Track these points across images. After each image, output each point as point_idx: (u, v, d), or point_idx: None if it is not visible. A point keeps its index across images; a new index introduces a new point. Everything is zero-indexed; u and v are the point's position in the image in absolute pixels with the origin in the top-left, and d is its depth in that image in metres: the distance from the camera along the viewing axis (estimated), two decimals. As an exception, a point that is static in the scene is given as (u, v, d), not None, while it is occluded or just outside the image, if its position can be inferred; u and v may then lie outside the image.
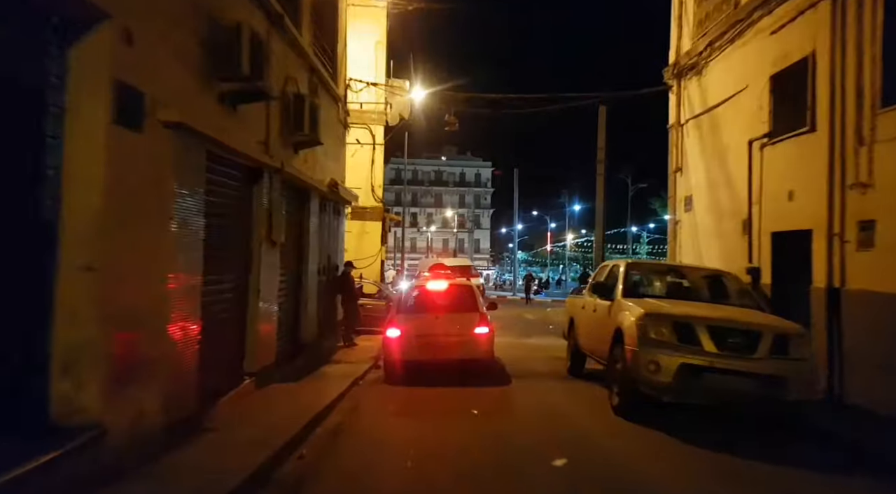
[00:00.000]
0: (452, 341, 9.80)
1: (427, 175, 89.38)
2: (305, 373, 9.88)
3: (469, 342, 9.88)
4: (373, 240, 20.02)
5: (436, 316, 10.16)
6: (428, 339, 9.75)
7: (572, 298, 12.63)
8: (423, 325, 10.02)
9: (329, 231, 13.25)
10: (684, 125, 14.17)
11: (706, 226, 13.02)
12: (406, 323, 10.08)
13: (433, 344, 9.74)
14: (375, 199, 19.98)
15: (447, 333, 9.89)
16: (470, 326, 10.03)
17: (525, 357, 13.62)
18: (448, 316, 10.23)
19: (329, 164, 12.88)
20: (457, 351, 9.75)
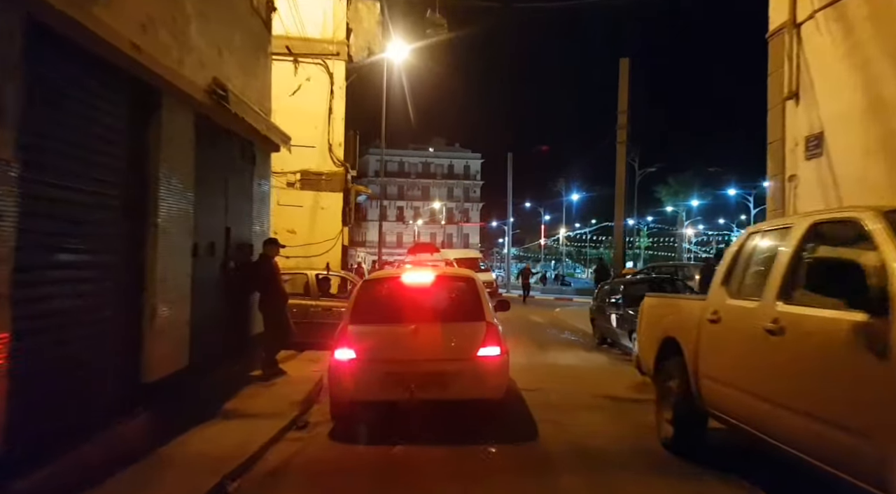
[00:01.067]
0: (441, 370, 5.97)
1: (414, 167, 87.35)
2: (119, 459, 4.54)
3: (469, 372, 6.06)
4: (331, 218, 14.71)
5: (415, 328, 6.18)
6: (400, 366, 5.99)
7: (666, 300, 7.45)
8: (392, 342, 6.21)
9: (230, 185, 7.93)
10: (804, 23, 8.97)
11: (856, 178, 7.82)
12: (365, 339, 6.19)
13: (409, 375, 5.92)
14: (335, 163, 14.65)
15: (433, 356, 6.06)
16: (470, 344, 6.15)
17: (558, 393, 8.36)
18: (435, 326, 6.31)
19: (228, 63, 7.48)
20: (448, 388, 5.96)
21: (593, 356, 12.65)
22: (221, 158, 7.55)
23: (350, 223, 15.95)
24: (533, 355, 12.21)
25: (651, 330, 6.23)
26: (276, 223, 14.44)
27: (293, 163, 14.50)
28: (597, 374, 10.28)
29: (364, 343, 6.04)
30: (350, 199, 15.83)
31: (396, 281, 6.83)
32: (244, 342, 8.59)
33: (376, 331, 6.19)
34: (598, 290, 15.23)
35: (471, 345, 6.05)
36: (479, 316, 6.26)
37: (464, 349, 6.07)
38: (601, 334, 14.12)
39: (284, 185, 14.51)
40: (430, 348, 6.02)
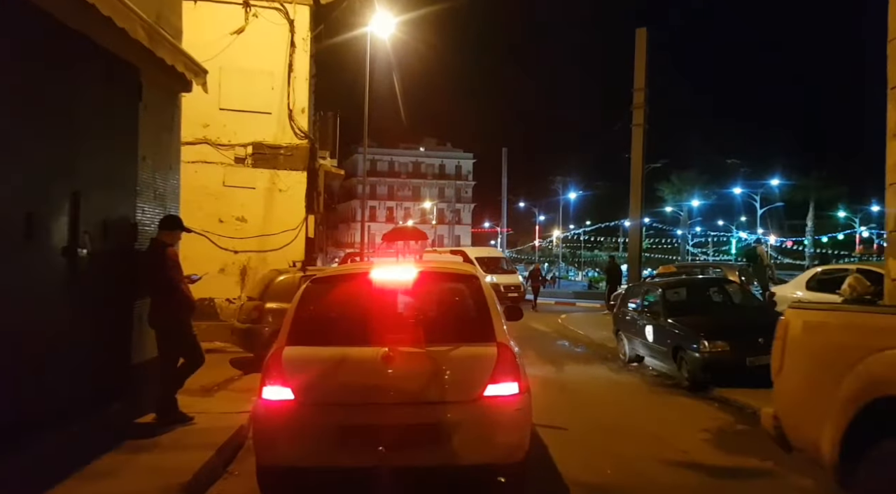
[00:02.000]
0: (428, 420, 3.82)
1: (404, 166, 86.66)
2: None
3: (471, 422, 3.85)
4: (292, 203, 11.76)
5: (387, 353, 3.93)
6: (365, 414, 3.84)
7: (865, 317, 4.17)
8: (353, 376, 3.95)
9: (84, 126, 4.87)
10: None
11: None
12: (310, 371, 3.96)
13: (378, 429, 3.77)
14: (296, 134, 11.68)
15: (415, 398, 3.91)
16: (474, 378, 3.95)
17: (607, 454, 5.45)
18: (419, 351, 4.00)
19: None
20: (439, 449, 3.76)
21: (627, 380, 9.75)
22: (67, 82, 4.56)
23: (318, 210, 12.98)
24: (549, 381, 9.30)
25: (827, 377, 3.22)
26: (220, 209, 11.49)
27: (243, 132, 11.56)
28: (647, 413, 7.39)
29: (308, 376, 3.94)
30: (318, 181, 12.86)
31: (360, 282, 4.67)
32: (123, 373, 5.61)
33: (328, 358, 4.03)
34: (623, 295, 12.33)
35: (474, 380, 3.95)
36: (487, 336, 4.11)
37: (463, 386, 3.97)
38: (631, 350, 11.24)
39: (232, 161, 11.56)
40: (411, 385, 3.94)
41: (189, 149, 11.35)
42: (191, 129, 11.39)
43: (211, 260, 11.48)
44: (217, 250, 11.49)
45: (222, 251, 11.50)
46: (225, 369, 9.30)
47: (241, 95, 11.48)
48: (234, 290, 11.54)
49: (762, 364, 8.61)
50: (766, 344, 8.90)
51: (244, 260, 11.56)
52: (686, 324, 9.33)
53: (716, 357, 8.60)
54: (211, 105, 11.45)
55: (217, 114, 11.44)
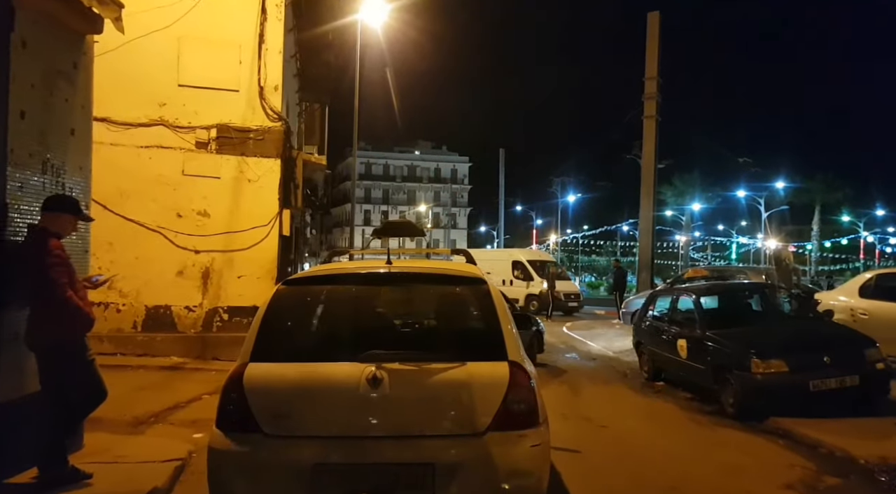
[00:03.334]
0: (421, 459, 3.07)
1: (399, 170, 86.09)
2: None
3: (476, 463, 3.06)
4: (264, 195, 10.14)
5: (373, 374, 3.10)
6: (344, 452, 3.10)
7: None
8: (330, 403, 3.18)
9: None
10: None
11: None
12: (277, 396, 3.18)
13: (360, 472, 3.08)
14: (268, 115, 10.07)
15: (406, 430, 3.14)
16: (479, 407, 3.12)
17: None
18: (411, 371, 3.18)
19: None
20: None
21: (658, 406, 8.16)
22: None
23: (296, 205, 11.35)
24: (568, 407, 7.71)
25: None
26: (178, 201, 9.86)
27: (206, 113, 9.96)
28: (702, 459, 5.77)
29: (275, 401, 3.19)
30: (295, 171, 11.25)
31: (344, 284, 3.90)
32: None
33: (301, 379, 3.26)
34: (644, 303, 10.74)
35: (481, 408, 3.18)
36: (497, 353, 3.32)
37: (467, 415, 3.19)
38: (655, 366, 9.66)
39: (192, 146, 9.94)
40: (403, 414, 3.20)
41: (142, 132, 9.75)
42: (143, 109, 9.79)
43: (167, 261, 9.86)
44: (175, 249, 9.87)
45: (181, 250, 9.88)
46: (174, 391, 7.68)
47: (204, 70, 9.88)
48: (195, 296, 9.92)
49: (830, 388, 7.11)
50: (835, 364, 7.51)
51: (207, 261, 9.93)
52: (731, 338, 7.75)
53: (771, 379, 7.03)
54: (168, 80, 9.86)
55: (175, 91, 9.83)
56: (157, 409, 6.66)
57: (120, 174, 9.71)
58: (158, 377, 8.64)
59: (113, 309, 9.71)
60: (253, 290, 10.05)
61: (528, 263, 23.12)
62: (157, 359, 9.62)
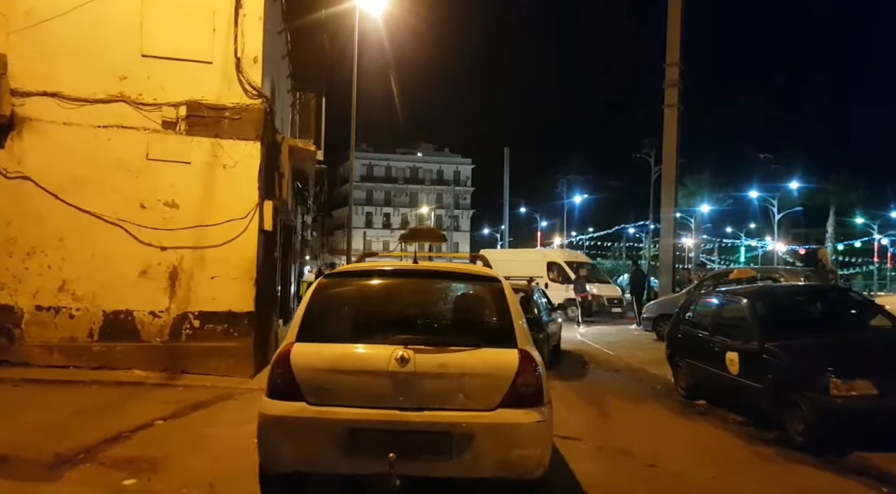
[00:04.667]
0: (440, 428, 3.69)
1: (401, 172, 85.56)
2: None
3: (488, 433, 3.68)
4: (241, 184, 8.80)
5: (401, 355, 3.74)
6: (374, 419, 3.70)
7: None
8: (362, 378, 3.81)
9: None
10: None
11: None
12: (318, 370, 3.80)
13: (387, 435, 3.67)
14: (246, 91, 8.73)
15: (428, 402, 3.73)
16: (491, 386, 3.77)
17: None
18: (433, 353, 3.80)
19: None
20: (453, 460, 3.65)
21: (709, 433, 6.80)
22: None
23: (281, 196, 9.99)
24: (602, 436, 6.35)
25: None
26: (142, 190, 8.54)
27: (174, 88, 8.64)
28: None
29: (317, 375, 3.75)
30: (280, 157, 9.89)
31: (375, 279, 4.35)
32: None
33: (339, 356, 3.83)
34: (680, 308, 9.36)
35: (493, 387, 3.72)
36: (508, 341, 3.88)
37: (481, 393, 3.72)
38: (695, 382, 8.30)
39: (158, 126, 8.61)
40: (426, 389, 3.71)
41: (98, 110, 8.42)
42: (101, 82, 8.47)
43: (129, 260, 8.53)
44: (138, 246, 8.54)
45: (145, 247, 8.55)
46: (123, 415, 6.34)
47: (172, 38, 8.55)
48: (161, 300, 8.58)
49: (928, 416, 5.75)
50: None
51: (175, 259, 8.59)
52: (800, 352, 6.41)
53: (855, 403, 5.71)
54: (129, 49, 8.54)
55: (138, 62, 8.51)
56: (90, 442, 5.32)
57: (73, 158, 8.38)
58: (111, 395, 7.30)
59: (65, 315, 8.37)
60: (228, 293, 8.70)
61: (566, 264, 21.68)
62: (116, 373, 8.28)
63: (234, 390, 7.92)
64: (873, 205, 53.47)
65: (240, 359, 8.65)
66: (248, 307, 8.73)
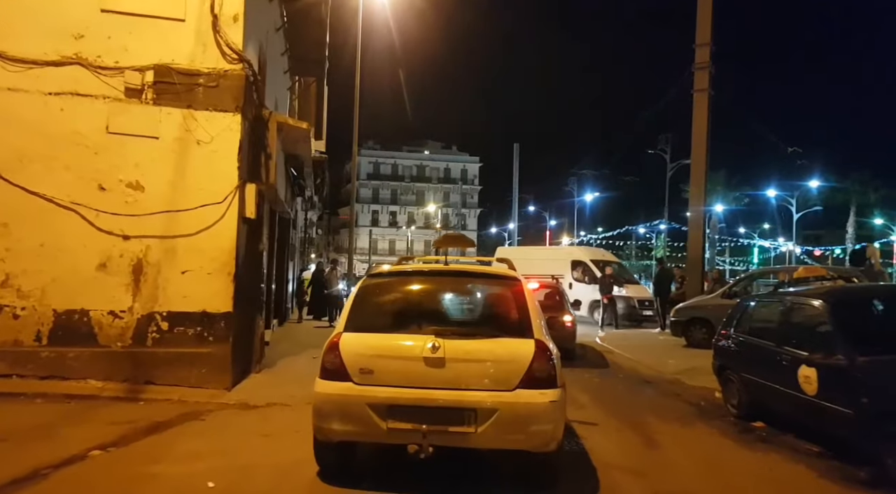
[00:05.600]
0: (465, 405, 4.30)
1: (408, 170, 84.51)
2: None
3: (507, 411, 4.28)
4: (218, 162, 7.52)
5: (433, 344, 4.41)
6: (409, 397, 4.35)
7: None
8: (400, 361, 4.50)
9: None
10: None
11: None
12: (362, 354, 4.50)
13: (420, 411, 4.30)
14: (225, 54, 7.45)
15: (455, 383, 4.36)
16: (510, 370, 4.39)
17: None
18: (461, 342, 4.49)
19: None
20: (476, 433, 4.24)
21: (779, 467, 5.49)
22: None
23: (268, 180, 8.69)
24: (645, 465, 5.02)
25: None
26: (101, 169, 7.26)
27: (139, 49, 7.38)
28: None
29: (361, 359, 4.48)
30: (266, 136, 8.59)
31: (415, 277, 5.27)
32: None
33: (381, 344, 4.59)
34: (731, 313, 8.01)
35: (512, 371, 4.37)
36: (526, 332, 4.55)
37: (501, 376, 4.39)
38: (753, 400, 6.98)
39: (121, 94, 7.35)
40: (454, 372, 4.39)
41: (49, 73, 7.16)
42: (52, 41, 7.20)
43: (85, 250, 7.28)
44: (96, 234, 7.29)
45: (104, 235, 7.31)
46: (52, 443, 5.08)
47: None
48: (123, 298, 7.33)
49: None
50: None
51: (139, 250, 7.33)
52: (908, 371, 5.06)
53: None
54: (86, 3, 7.28)
55: (96, 17, 7.26)
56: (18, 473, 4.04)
57: (19, 130, 7.14)
58: (53, 412, 6.06)
59: (8, 315, 7.12)
60: (202, 290, 7.43)
61: (592, 263, 20.09)
62: (68, 384, 7.04)
63: (204, 406, 6.65)
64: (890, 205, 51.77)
65: (215, 368, 7.38)
66: (226, 307, 7.45)
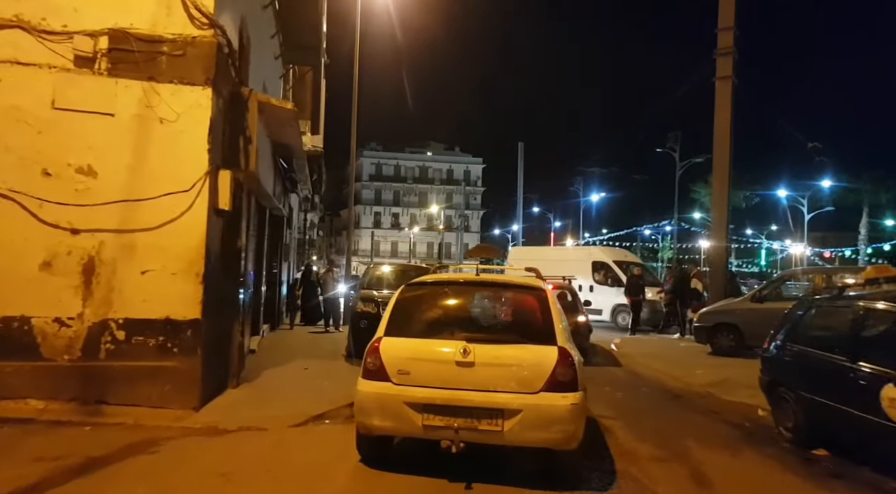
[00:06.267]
0: (494, 405, 4.74)
1: (411, 171, 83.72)
2: None
3: (531, 411, 4.70)
4: (185, 144, 6.41)
5: (464, 348, 4.87)
6: (442, 396, 4.80)
7: None
8: (434, 363, 4.96)
9: None
10: None
11: None
12: (400, 357, 4.99)
13: (452, 409, 4.75)
14: (192, 19, 6.36)
15: (484, 385, 4.81)
16: (535, 374, 4.80)
17: None
18: (490, 347, 4.96)
19: None
20: (503, 430, 4.69)
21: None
22: None
23: (248, 167, 7.59)
24: None
25: None
26: (46, 151, 6.11)
27: (92, 10, 6.32)
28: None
29: (399, 361, 4.98)
30: (245, 116, 7.51)
31: (447, 288, 5.69)
32: None
33: (417, 348, 5.08)
34: (782, 321, 6.88)
35: (536, 375, 4.79)
36: (549, 339, 4.97)
37: (527, 379, 4.81)
38: (811, 421, 5.88)
39: (69, 63, 6.27)
40: (483, 375, 4.84)
41: (-17, 37, 6.08)
42: (-14, -1, 6.12)
43: (26, 246, 6.20)
44: (38, 227, 6.22)
45: (48, 229, 6.23)
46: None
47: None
48: (71, 302, 6.25)
49: None
50: None
51: (91, 246, 6.25)
52: None
53: None
54: (28, -44, 6.20)
55: (40, -28, 6.18)
56: None
57: (-53, 105, 6.06)
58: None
59: (-68, 323, 6.04)
60: (166, 294, 6.34)
61: (614, 263, 18.74)
62: (4, 405, 5.96)
63: (162, 432, 5.58)
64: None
65: (180, 384, 6.30)
66: (194, 313, 6.36)
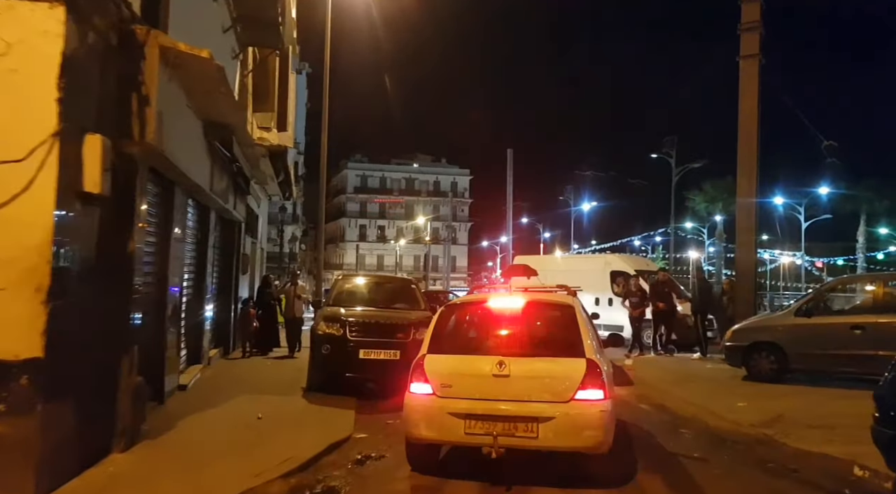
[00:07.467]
0: (529, 413, 5.29)
1: (397, 183, 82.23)
2: None
3: (563, 418, 5.23)
4: (22, 92, 4.25)
5: (500, 362, 5.45)
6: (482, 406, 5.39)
7: None
8: (474, 377, 5.57)
9: None
10: None
11: None
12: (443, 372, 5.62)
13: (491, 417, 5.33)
14: None
15: (520, 396, 5.39)
16: (566, 385, 5.33)
17: None
18: (524, 361, 5.57)
19: None
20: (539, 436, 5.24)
21: None
22: None
23: (143, 134, 5.44)
24: None
25: None
26: None
27: None
28: None
29: (442, 376, 5.61)
30: (141, 63, 5.37)
31: (482, 307, 6.32)
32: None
33: (457, 363, 5.77)
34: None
35: (567, 386, 5.34)
36: (578, 352, 5.50)
37: (558, 390, 5.37)
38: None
39: None
40: (518, 386, 5.42)
41: None
42: None
43: None
44: None
45: None
46: None
47: None
48: None
49: None
50: None
51: None
52: None
53: None
54: None
55: None
56: None
57: None
58: None
59: None
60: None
61: (637, 272, 16.37)
62: None
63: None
64: (895, 213, 49.24)
65: (8, 460, 4.10)
66: (30, 349, 4.21)
